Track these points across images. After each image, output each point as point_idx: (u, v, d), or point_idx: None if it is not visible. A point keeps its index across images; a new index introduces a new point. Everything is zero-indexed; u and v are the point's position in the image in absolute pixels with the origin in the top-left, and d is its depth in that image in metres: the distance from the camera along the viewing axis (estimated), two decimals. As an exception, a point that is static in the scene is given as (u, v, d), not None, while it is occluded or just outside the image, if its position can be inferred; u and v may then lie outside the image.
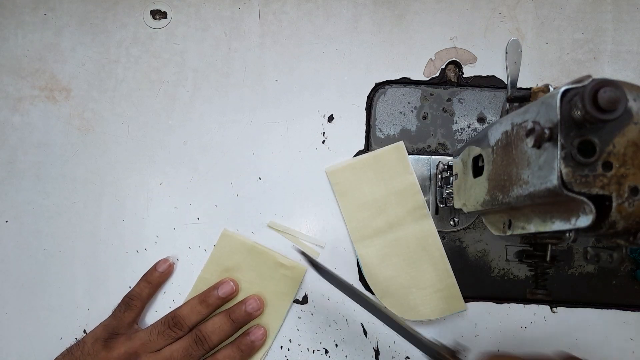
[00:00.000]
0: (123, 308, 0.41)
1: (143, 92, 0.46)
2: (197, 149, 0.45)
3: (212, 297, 0.41)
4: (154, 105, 0.46)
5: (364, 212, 0.43)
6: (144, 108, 0.46)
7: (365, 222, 0.43)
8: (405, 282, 0.42)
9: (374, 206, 0.43)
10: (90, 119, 0.45)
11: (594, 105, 0.21)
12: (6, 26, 0.46)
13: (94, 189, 0.45)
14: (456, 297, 0.42)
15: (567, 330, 0.42)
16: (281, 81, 0.46)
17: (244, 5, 0.46)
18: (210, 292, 0.42)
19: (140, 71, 0.46)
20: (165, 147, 0.45)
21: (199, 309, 0.41)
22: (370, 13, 0.46)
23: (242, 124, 0.45)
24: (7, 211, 0.44)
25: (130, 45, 0.46)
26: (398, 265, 0.42)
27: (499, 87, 0.45)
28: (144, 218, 0.44)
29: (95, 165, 0.45)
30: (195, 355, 0.39)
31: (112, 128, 0.46)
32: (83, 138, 0.45)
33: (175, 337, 0.40)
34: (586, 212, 0.23)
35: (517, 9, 0.46)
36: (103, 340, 0.40)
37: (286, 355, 0.43)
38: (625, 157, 0.23)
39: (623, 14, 0.45)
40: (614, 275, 0.42)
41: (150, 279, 0.43)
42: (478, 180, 0.33)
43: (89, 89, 0.46)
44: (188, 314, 0.40)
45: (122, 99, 0.46)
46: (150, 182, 0.45)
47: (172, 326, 0.40)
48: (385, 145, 0.45)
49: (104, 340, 0.40)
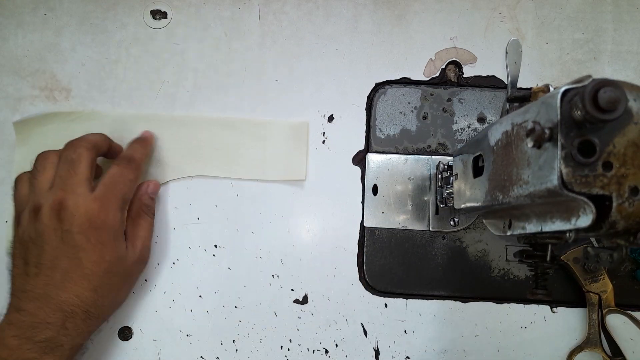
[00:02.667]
0: (15, 187, 0.40)
1: (143, 92, 0.46)
2: (197, 149, 0.45)
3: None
4: (154, 105, 0.46)
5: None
6: (144, 108, 0.46)
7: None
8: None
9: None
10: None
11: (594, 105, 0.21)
12: (6, 26, 0.46)
13: (94, 189, 0.45)
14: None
15: (567, 330, 0.42)
16: (281, 81, 0.46)
17: (244, 5, 0.46)
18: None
19: (140, 71, 0.46)
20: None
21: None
22: (370, 13, 0.46)
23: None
24: (7, 211, 0.44)
25: (130, 45, 0.46)
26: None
27: (499, 87, 0.45)
28: (144, 218, 0.44)
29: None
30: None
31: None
32: (83, 138, 0.45)
33: (50, 162, 0.38)
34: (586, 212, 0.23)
35: (517, 9, 0.46)
36: (15, 222, 0.39)
37: (286, 355, 0.43)
38: (625, 157, 0.23)
39: (623, 14, 0.45)
40: (614, 275, 0.42)
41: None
42: (478, 180, 0.33)
43: (89, 89, 0.46)
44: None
45: (122, 99, 0.46)
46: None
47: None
48: (385, 145, 0.45)
49: (16, 221, 0.39)
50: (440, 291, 0.43)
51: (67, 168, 0.37)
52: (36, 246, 0.36)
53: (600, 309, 0.41)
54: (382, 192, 0.44)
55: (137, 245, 0.40)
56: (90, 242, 0.36)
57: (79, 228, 0.36)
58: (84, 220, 0.36)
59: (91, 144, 0.38)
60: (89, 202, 0.36)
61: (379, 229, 0.44)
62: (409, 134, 0.45)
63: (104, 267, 0.36)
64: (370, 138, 0.45)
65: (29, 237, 0.36)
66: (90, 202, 0.36)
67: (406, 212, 0.44)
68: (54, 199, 0.36)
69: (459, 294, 0.43)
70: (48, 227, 0.36)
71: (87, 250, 0.36)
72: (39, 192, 0.37)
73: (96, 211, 0.36)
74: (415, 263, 0.44)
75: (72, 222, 0.35)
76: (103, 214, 0.36)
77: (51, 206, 0.36)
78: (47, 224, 0.36)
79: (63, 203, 0.36)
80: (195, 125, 0.44)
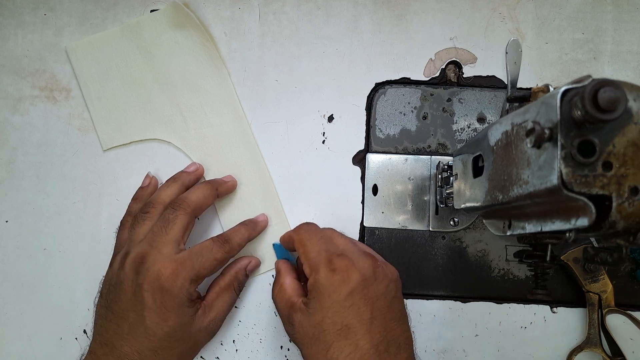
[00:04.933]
0: (119, 229, 0.41)
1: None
2: (197, 149, 0.45)
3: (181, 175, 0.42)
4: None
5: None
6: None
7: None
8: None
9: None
10: (90, 119, 0.45)
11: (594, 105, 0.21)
12: (6, 26, 0.46)
13: (94, 189, 0.45)
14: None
15: (567, 330, 0.42)
16: (281, 81, 0.46)
17: (244, 5, 0.46)
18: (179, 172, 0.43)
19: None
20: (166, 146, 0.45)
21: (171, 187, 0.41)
22: (370, 13, 0.46)
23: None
24: (7, 211, 0.44)
25: (130, 45, 0.46)
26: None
27: (499, 87, 0.45)
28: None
29: (95, 165, 0.45)
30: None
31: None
32: (83, 138, 0.45)
33: (151, 216, 0.39)
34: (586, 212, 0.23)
35: (517, 9, 0.46)
36: (110, 265, 0.40)
37: (286, 356, 0.43)
38: (625, 157, 0.23)
39: (623, 14, 0.45)
40: (614, 275, 0.42)
41: (137, 195, 0.43)
42: (478, 180, 0.33)
43: (89, 89, 0.46)
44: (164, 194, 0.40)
45: (122, 99, 0.46)
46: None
47: (147, 206, 0.39)
48: (385, 145, 0.45)
49: (110, 264, 0.40)
50: (440, 291, 0.43)
51: (162, 226, 0.37)
52: (116, 292, 0.36)
53: (600, 309, 0.41)
54: (382, 192, 0.44)
55: (209, 315, 0.38)
56: (156, 302, 0.35)
57: (149, 285, 0.35)
58: (154, 278, 0.35)
59: (191, 208, 0.38)
60: (166, 261, 0.35)
61: (379, 229, 0.44)
62: (409, 134, 0.45)
63: (166, 330, 0.35)
64: (370, 138, 0.45)
65: (114, 281, 0.37)
66: (166, 262, 0.35)
67: (406, 212, 0.44)
68: (139, 251, 0.36)
69: (458, 294, 0.43)
70: (127, 277, 0.36)
71: (152, 309, 0.35)
72: (132, 241, 0.38)
73: (167, 273, 0.35)
74: (415, 263, 0.44)
75: (145, 277, 0.35)
76: (172, 279, 0.35)
77: (134, 257, 0.36)
78: (127, 273, 0.36)
79: (145, 257, 0.36)
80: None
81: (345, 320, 0.33)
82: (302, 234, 0.38)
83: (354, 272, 0.34)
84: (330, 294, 0.33)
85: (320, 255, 0.35)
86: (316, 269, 0.34)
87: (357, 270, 0.34)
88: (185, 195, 0.39)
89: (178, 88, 0.45)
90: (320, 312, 0.33)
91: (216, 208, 0.44)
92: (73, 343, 0.43)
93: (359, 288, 0.33)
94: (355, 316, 0.33)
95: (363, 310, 0.33)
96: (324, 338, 0.33)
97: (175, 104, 0.45)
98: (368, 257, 0.36)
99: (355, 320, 0.33)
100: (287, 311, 0.36)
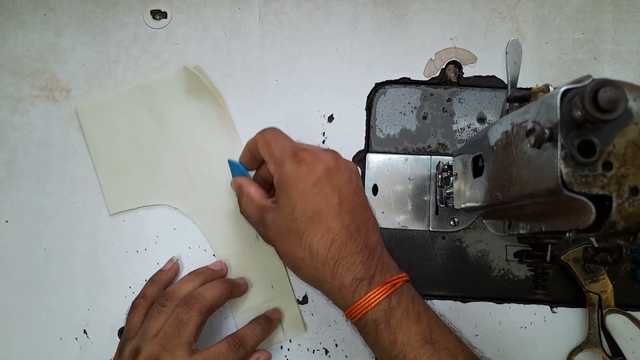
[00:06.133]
0: (131, 311, 0.41)
1: (143, 92, 0.46)
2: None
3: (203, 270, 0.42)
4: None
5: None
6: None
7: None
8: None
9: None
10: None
11: (594, 105, 0.21)
12: (6, 26, 0.46)
13: (94, 189, 0.45)
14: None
15: (567, 330, 0.42)
16: (281, 81, 0.46)
17: (244, 5, 0.46)
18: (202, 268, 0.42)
19: (140, 71, 0.46)
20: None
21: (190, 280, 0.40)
22: (370, 13, 0.46)
23: (242, 124, 0.45)
24: (7, 211, 0.44)
25: (130, 45, 0.46)
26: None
27: (499, 87, 0.45)
28: (143, 218, 0.44)
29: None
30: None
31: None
32: (83, 138, 0.45)
33: (167, 310, 0.38)
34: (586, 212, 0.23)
35: (517, 9, 0.46)
36: (119, 349, 0.39)
37: (286, 356, 0.43)
38: (625, 157, 0.23)
39: (623, 14, 0.45)
40: (614, 275, 0.42)
41: (156, 277, 0.42)
42: (478, 180, 0.33)
43: (89, 89, 0.46)
44: (178, 287, 0.40)
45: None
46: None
47: (164, 300, 0.39)
48: (385, 145, 0.45)
49: (119, 349, 0.39)
50: (440, 291, 0.43)
51: (175, 327, 0.36)
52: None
53: (600, 309, 0.41)
54: (382, 192, 0.44)
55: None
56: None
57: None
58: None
59: (206, 308, 0.38)
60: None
61: (379, 229, 0.44)
62: (409, 134, 0.45)
63: None
64: (370, 138, 0.45)
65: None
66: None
67: (406, 212, 0.44)
68: (151, 352, 0.36)
69: (458, 294, 0.43)
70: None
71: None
72: (145, 335, 0.37)
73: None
74: (415, 263, 0.44)
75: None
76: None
77: (146, 358, 0.36)
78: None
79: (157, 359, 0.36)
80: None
81: (315, 207, 0.33)
82: (267, 135, 0.37)
83: (319, 162, 0.34)
84: (297, 183, 0.34)
85: (284, 150, 0.35)
86: (281, 163, 0.35)
87: (321, 161, 0.35)
88: (201, 292, 0.38)
89: (188, 153, 0.44)
90: (290, 204, 0.34)
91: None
92: (73, 343, 0.43)
93: (324, 176, 0.34)
94: (324, 202, 0.34)
95: (331, 196, 0.34)
96: (297, 227, 0.34)
97: (184, 169, 0.44)
98: (329, 151, 0.36)
99: (324, 205, 0.34)
100: (259, 215, 0.37)
